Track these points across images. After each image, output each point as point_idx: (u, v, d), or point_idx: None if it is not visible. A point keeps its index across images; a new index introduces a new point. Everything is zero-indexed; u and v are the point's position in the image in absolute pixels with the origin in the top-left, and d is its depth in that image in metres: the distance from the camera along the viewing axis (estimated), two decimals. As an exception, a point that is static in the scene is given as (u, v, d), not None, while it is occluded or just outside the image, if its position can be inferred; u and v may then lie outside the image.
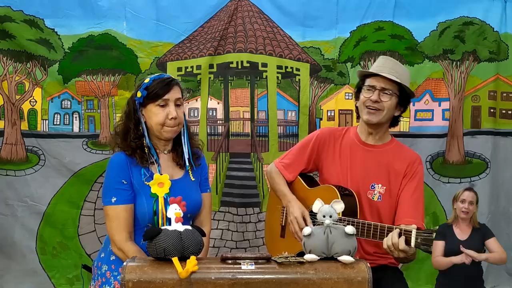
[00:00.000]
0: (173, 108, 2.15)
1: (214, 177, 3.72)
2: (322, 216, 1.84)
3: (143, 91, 2.15)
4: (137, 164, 2.16)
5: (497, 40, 3.70)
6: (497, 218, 3.78)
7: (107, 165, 2.21)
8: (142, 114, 2.18)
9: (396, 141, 2.63)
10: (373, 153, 2.55)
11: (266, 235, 3.02)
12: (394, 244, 2.18)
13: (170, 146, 2.27)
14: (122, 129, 2.23)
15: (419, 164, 2.55)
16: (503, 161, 3.79)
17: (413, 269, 3.72)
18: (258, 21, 3.72)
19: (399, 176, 2.50)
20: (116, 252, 2.15)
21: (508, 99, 3.77)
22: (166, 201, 2.09)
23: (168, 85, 2.17)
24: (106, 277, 2.17)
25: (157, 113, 2.15)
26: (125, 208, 2.13)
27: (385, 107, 2.47)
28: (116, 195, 2.13)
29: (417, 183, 2.51)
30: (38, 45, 3.59)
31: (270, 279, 1.70)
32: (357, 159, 2.56)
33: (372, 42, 3.71)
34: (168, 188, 2.12)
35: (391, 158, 2.53)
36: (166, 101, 2.15)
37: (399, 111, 2.55)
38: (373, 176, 2.52)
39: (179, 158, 2.25)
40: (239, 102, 3.76)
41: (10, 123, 3.65)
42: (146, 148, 2.17)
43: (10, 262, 3.66)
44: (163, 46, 3.67)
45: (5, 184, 3.65)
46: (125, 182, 2.14)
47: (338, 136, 2.64)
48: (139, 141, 2.18)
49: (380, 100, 2.47)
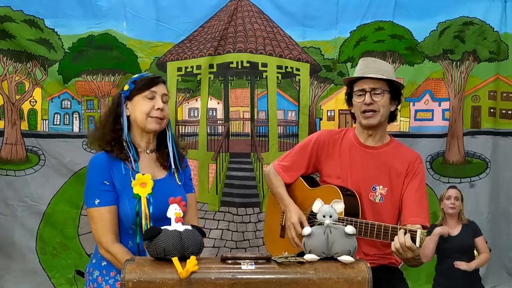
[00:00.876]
0: (159, 100, 2.15)
1: (214, 177, 3.73)
2: (322, 216, 1.84)
3: (131, 84, 2.16)
4: (116, 158, 2.12)
5: (497, 40, 3.70)
6: (497, 218, 3.79)
7: (88, 166, 2.18)
8: (126, 108, 2.17)
9: (395, 141, 2.63)
10: (373, 154, 2.55)
11: (265, 235, 3.01)
12: (401, 244, 2.19)
13: (153, 145, 2.23)
14: (100, 123, 2.23)
15: (419, 163, 2.55)
16: (503, 161, 3.79)
17: (413, 269, 3.70)
18: (258, 21, 3.72)
19: (400, 176, 2.50)
20: (103, 254, 2.12)
21: (508, 99, 3.78)
22: (149, 201, 2.08)
23: (155, 79, 2.19)
24: (97, 282, 2.15)
25: (143, 103, 2.14)
26: (109, 210, 2.09)
27: (380, 106, 2.47)
28: (99, 197, 2.10)
29: (419, 182, 2.51)
30: (38, 45, 3.59)
31: (270, 279, 1.70)
32: (357, 161, 2.55)
33: (372, 42, 3.71)
34: (150, 188, 2.09)
35: (391, 159, 2.53)
36: (154, 93, 2.15)
37: (394, 106, 2.56)
38: (374, 178, 2.51)
39: (163, 159, 2.22)
40: (239, 102, 3.76)
41: (10, 123, 3.65)
42: (124, 143, 2.14)
43: (10, 262, 3.66)
44: (163, 46, 3.67)
45: (5, 184, 3.65)
46: (107, 183, 2.11)
47: (337, 139, 2.63)
48: (115, 134, 2.15)
49: (374, 101, 2.47)
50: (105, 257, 2.12)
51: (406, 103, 3.75)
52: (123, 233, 2.14)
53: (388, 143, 2.58)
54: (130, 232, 2.13)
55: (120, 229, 2.14)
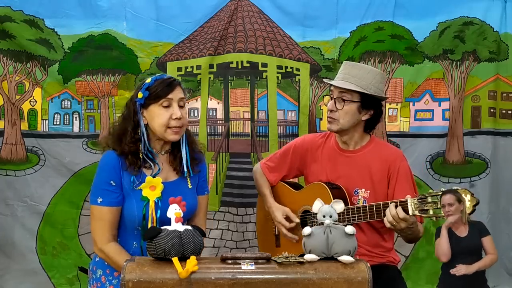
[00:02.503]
0: (177, 108, 2.09)
1: (214, 177, 3.72)
2: (322, 216, 1.84)
3: (145, 91, 2.08)
4: (127, 169, 2.09)
5: (497, 40, 3.69)
6: (497, 218, 3.78)
7: (98, 163, 2.16)
8: (143, 116, 2.11)
9: (375, 140, 2.61)
10: (352, 158, 2.55)
11: (260, 246, 3.00)
12: (394, 216, 2.22)
13: (168, 147, 2.20)
14: (118, 131, 2.14)
15: (400, 161, 2.51)
16: (503, 161, 3.79)
17: (413, 269, 3.73)
18: (258, 21, 3.72)
19: (383, 179, 2.49)
20: (97, 252, 2.12)
21: (508, 99, 3.77)
22: (157, 205, 2.06)
23: (170, 84, 2.11)
24: (101, 282, 2.15)
25: (160, 114, 2.07)
26: (110, 210, 2.08)
27: (340, 115, 2.46)
28: (103, 196, 2.08)
29: (406, 181, 2.49)
30: (38, 45, 3.59)
31: (270, 279, 1.70)
32: (338, 166, 2.56)
33: (372, 42, 3.71)
34: (160, 192, 2.06)
35: (370, 161, 2.51)
36: (170, 101, 2.08)
37: (366, 115, 2.51)
38: (355, 181, 2.51)
39: (176, 163, 2.18)
40: (239, 102, 3.76)
41: (10, 123, 3.65)
42: (141, 154, 2.09)
43: (10, 262, 3.66)
44: (163, 46, 3.67)
45: (5, 184, 3.65)
46: (114, 183, 2.09)
47: (320, 144, 2.65)
48: (134, 146, 2.09)
49: (336, 108, 2.47)
50: (99, 255, 2.13)
51: (406, 103, 3.75)
52: (128, 234, 2.14)
53: (367, 145, 2.57)
54: (135, 233, 2.13)
55: (125, 229, 2.13)
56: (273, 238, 2.78)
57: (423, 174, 3.71)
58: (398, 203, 2.25)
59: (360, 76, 2.47)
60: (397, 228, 2.29)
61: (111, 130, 2.19)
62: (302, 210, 2.61)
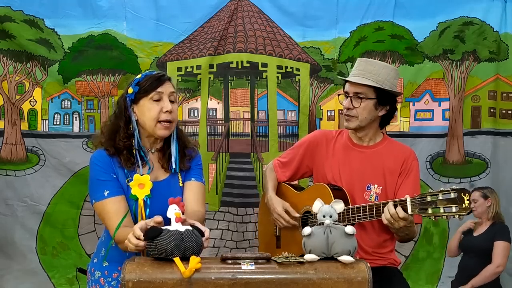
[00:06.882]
0: (167, 101, 2.06)
1: (214, 177, 3.73)
2: (322, 216, 1.84)
3: (135, 86, 2.08)
4: (120, 166, 2.06)
5: (497, 40, 3.69)
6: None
7: (90, 164, 2.11)
8: (133, 112, 2.09)
9: (388, 138, 2.63)
10: (367, 154, 2.55)
11: (261, 247, 3.00)
12: (393, 215, 2.24)
13: (159, 145, 2.16)
14: (110, 128, 2.12)
15: (413, 159, 2.54)
16: (503, 161, 3.79)
17: (413, 269, 3.72)
18: (258, 21, 3.72)
19: (394, 175, 2.50)
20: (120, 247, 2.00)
21: (508, 99, 3.77)
22: (146, 203, 2.02)
23: (160, 78, 2.09)
24: (100, 284, 2.13)
25: (150, 107, 2.06)
26: (120, 199, 2.03)
27: (358, 112, 2.47)
28: (108, 188, 2.03)
29: (413, 180, 2.50)
30: (38, 45, 3.59)
31: (270, 279, 1.70)
32: (351, 161, 2.56)
33: (372, 42, 3.71)
34: (149, 190, 2.02)
35: (384, 157, 2.53)
36: (160, 94, 2.06)
37: (383, 111, 2.52)
38: (369, 177, 2.51)
39: (165, 160, 2.14)
40: (239, 102, 3.76)
41: (10, 123, 3.65)
42: (134, 150, 2.07)
43: (10, 262, 3.66)
44: (163, 46, 3.67)
45: (5, 184, 3.65)
46: (114, 175, 2.06)
47: (331, 138, 2.65)
48: (128, 141, 2.07)
49: (353, 106, 2.47)
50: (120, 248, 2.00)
51: (406, 103, 3.75)
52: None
53: (381, 142, 2.58)
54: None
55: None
56: (273, 239, 2.78)
57: (423, 174, 3.71)
58: (397, 203, 2.26)
59: (375, 72, 2.48)
60: (395, 227, 2.29)
61: (103, 129, 2.16)
62: (303, 210, 2.61)
